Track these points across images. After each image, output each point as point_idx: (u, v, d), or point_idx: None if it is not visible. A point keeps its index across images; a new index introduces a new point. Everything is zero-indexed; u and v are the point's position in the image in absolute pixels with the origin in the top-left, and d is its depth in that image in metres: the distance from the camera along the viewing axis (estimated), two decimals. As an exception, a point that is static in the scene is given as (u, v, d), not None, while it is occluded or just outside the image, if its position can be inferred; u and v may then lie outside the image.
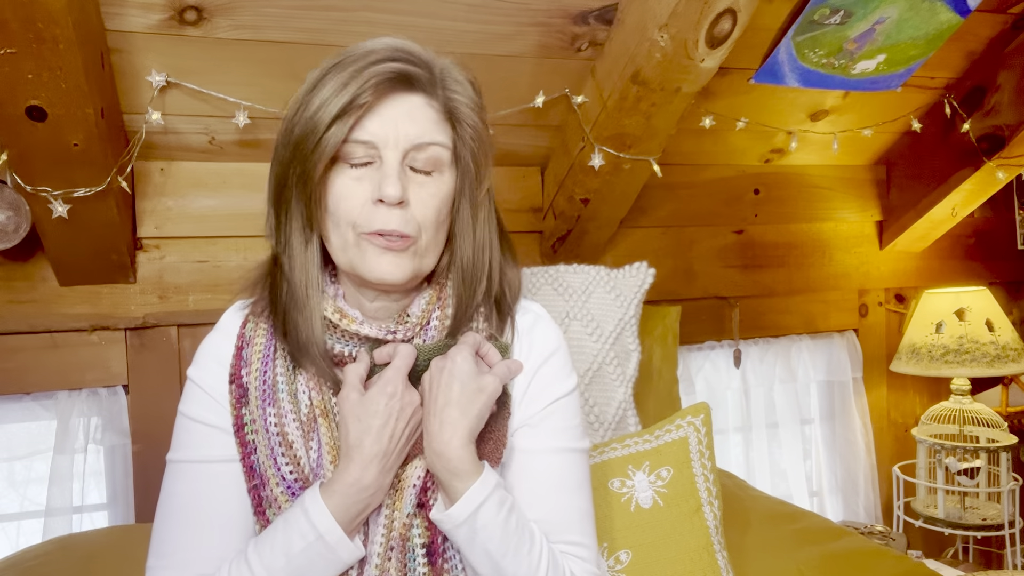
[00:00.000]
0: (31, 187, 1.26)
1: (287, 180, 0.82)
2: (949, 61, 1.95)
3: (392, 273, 0.82)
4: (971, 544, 2.34)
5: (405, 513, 0.83)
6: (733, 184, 2.12)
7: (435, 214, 0.84)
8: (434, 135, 0.82)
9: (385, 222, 0.80)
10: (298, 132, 0.80)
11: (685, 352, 2.11)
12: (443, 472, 0.80)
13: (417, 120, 0.81)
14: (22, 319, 1.49)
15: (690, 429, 1.27)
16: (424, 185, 0.83)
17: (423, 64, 0.82)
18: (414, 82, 0.81)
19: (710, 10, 1.28)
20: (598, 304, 1.54)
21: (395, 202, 0.80)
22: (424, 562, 0.83)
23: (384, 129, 0.80)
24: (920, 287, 2.42)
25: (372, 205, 0.81)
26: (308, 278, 0.85)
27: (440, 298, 0.90)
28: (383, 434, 0.81)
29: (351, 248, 0.83)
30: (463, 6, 1.38)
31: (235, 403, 0.86)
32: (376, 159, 0.81)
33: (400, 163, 0.81)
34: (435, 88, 0.83)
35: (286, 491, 0.83)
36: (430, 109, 0.83)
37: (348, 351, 0.86)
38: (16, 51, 1.04)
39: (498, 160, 1.80)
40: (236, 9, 1.29)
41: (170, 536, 0.85)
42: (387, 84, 0.79)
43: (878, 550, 1.38)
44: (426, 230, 0.83)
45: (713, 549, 1.20)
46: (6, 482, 1.63)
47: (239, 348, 0.89)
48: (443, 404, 0.81)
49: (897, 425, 2.44)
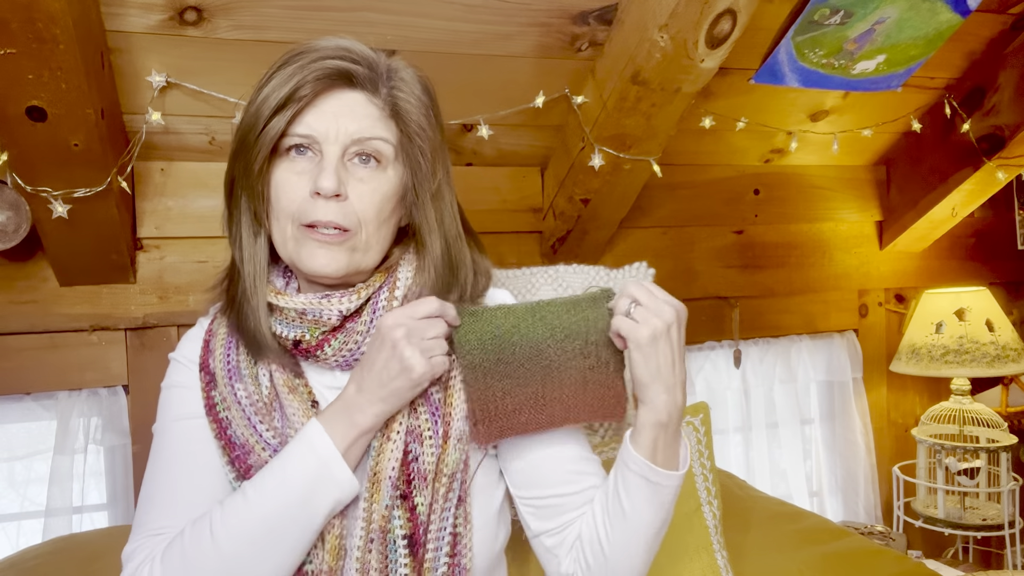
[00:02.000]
0: (31, 187, 1.26)
1: (235, 174, 0.86)
2: (949, 61, 1.95)
3: (327, 266, 0.84)
4: (971, 544, 2.34)
5: (383, 505, 0.82)
6: (733, 184, 2.12)
7: (376, 209, 0.85)
8: (375, 131, 0.85)
9: (323, 214, 0.83)
10: (243, 126, 0.84)
11: (685, 352, 2.11)
12: (676, 419, 0.83)
13: (358, 116, 0.84)
14: (22, 319, 1.49)
15: (689, 429, 1.27)
16: (365, 180, 0.85)
17: (366, 63, 0.85)
18: (355, 79, 0.84)
19: (710, 10, 1.28)
20: (598, 304, 1.54)
21: (330, 194, 0.82)
22: (406, 553, 0.82)
23: (323, 124, 0.83)
24: (920, 287, 2.42)
25: (311, 198, 0.83)
26: (256, 270, 0.88)
27: (389, 278, 0.90)
28: (376, 356, 0.81)
29: (290, 241, 0.85)
30: (463, 6, 1.38)
31: (205, 387, 0.89)
32: (318, 153, 0.84)
33: (340, 158, 0.84)
34: (378, 86, 0.85)
35: (273, 454, 0.84)
36: (372, 106, 0.85)
37: (294, 334, 0.87)
38: (16, 51, 1.04)
39: (498, 160, 1.80)
40: (236, 9, 1.29)
41: (156, 491, 0.87)
42: (327, 80, 0.82)
43: (878, 550, 1.38)
44: (366, 224, 0.85)
45: (712, 548, 1.20)
46: (6, 482, 1.63)
47: (206, 341, 0.93)
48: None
49: (897, 425, 2.44)
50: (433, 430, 0.85)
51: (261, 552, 0.79)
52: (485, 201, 1.82)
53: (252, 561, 0.79)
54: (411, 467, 0.84)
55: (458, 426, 0.86)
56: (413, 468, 0.84)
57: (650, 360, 0.82)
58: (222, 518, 0.79)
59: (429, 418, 0.85)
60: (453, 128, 1.64)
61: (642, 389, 0.82)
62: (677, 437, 0.84)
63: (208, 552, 0.78)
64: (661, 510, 0.83)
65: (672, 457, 0.83)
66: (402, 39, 1.41)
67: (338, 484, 0.80)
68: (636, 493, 0.82)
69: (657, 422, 0.81)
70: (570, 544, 0.88)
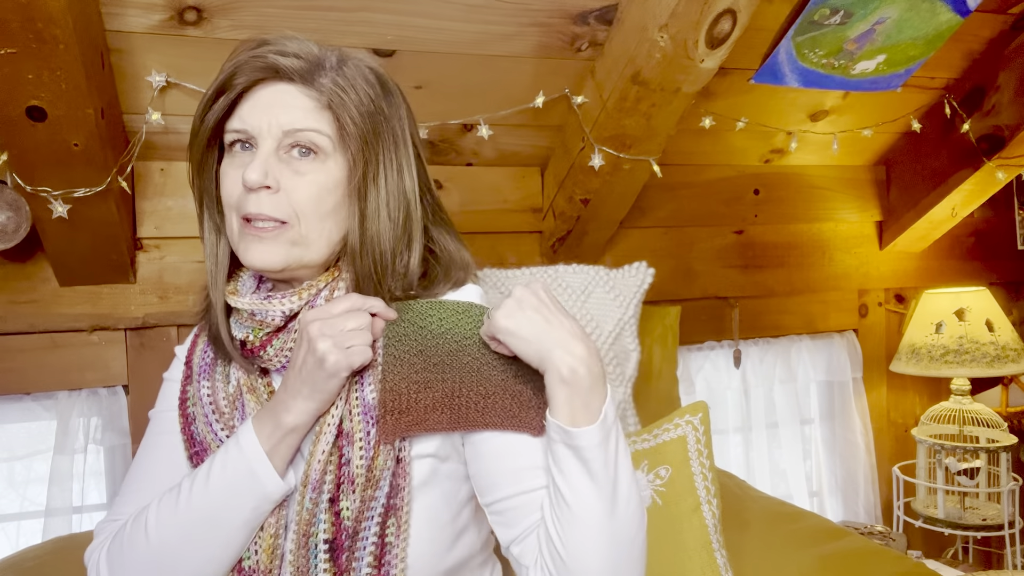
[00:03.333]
0: (31, 187, 1.26)
1: (191, 173, 0.90)
2: (949, 61, 1.95)
3: (264, 260, 0.84)
4: (971, 544, 2.34)
5: (306, 508, 0.82)
6: (733, 184, 2.12)
7: (313, 201, 0.84)
8: (308, 122, 0.84)
9: (255, 206, 0.83)
10: (192, 125, 0.87)
11: (685, 352, 2.11)
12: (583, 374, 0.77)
13: (289, 107, 0.83)
14: (22, 319, 1.49)
15: (688, 428, 1.27)
16: (302, 172, 0.84)
17: (303, 56, 0.84)
18: (287, 73, 0.83)
19: (710, 10, 1.28)
20: (597, 304, 1.54)
21: (255, 187, 0.82)
22: (326, 558, 0.80)
23: (255, 118, 0.84)
24: (920, 287, 2.42)
25: (245, 191, 0.84)
26: (216, 268, 0.90)
27: (334, 279, 0.90)
28: (297, 354, 0.82)
29: (235, 236, 0.87)
30: (463, 6, 1.38)
31: (183, 380, 0.93)
32: (255, 146, 0.85)
33: (274, 151, 0.84)
34: (312, 78, 0.84)
35: None
36: (306, 98, 0.84)
37: (242, 334, 0.88)
38: (16, 51, 1.04)
39: (498, 160, 1.80)
40: (236, 9, 1.29)
41: (131, 477, 0.92)
42: (260, 73, 0.83)
43: (878, 550, 1.38)
44: (304, 217, 0.84)
45: (712, 548, 1.20)
46: (6, 482, 1.63)
47: (196, 336, 0.98)
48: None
49: (897, 425, 2.44)
50: (364, 432, 0.83)
51: (190, 546, 0.80)
52: (485, 201, 1.82)
53: (182, 554, 0.80)
54: (342, 471, 0.82)
55: None
56: (344, 472, 0.82)
57: (521, 333, 0.79)
58: (156, 511, 0.82)
59: (361, 419, 0.83)
60: (453, 128, 1.64)
61: (538, 363, 0.79)
62: (595, 393, 0.77)
63: (141, 543, 0.81)
64: (602, 491, 0.75)
65: (593, 416, 0.77)
66: (402, 39, 1.41)
67: (261, 483, 0.80)
68: (568, 470, 0.76)
69: (560, 379, 0.76)
70: (534, 552, 0.81)
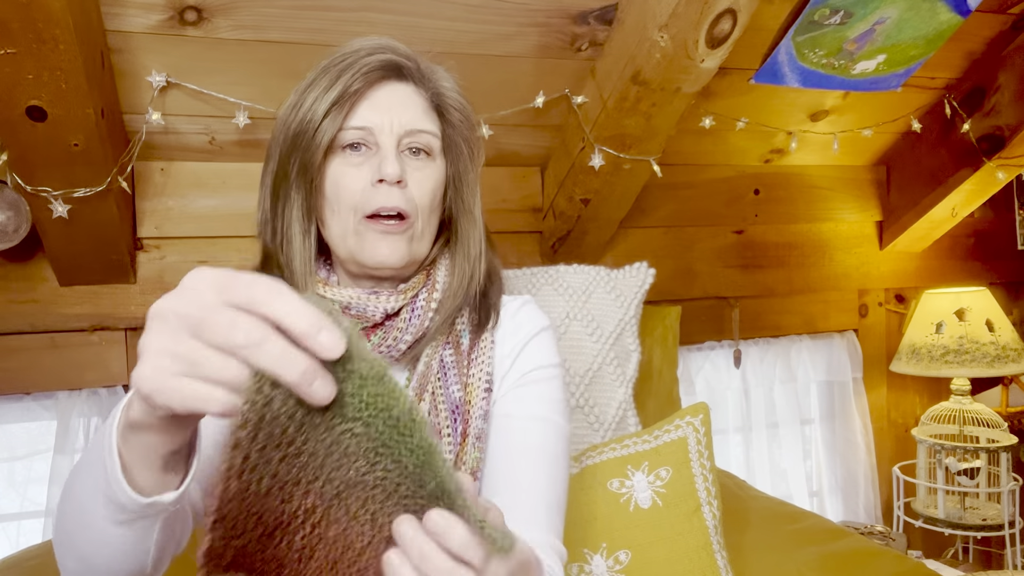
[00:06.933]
0: (31, 187, 1.26)
1: (286, 172, 0.86)
2: (949, 61, 1.95)
3: (390, 256, 0.85)
4: (971, 544, 2.34)
5: None
6: (733, 184, 2.12)
7: (430, 196, 0.88)
8: (424, 123, 0.88)
9: (387, 199, 0.84)
10: (295, 126, 0.84)
11: (685, 352, 2.11)
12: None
13: (409, 107, 0.87)
14: (22, 319, 1.49)
15: (689, 429, 1.27)
16: (419, 168, 0.88)
17: (409, 57, 0.88)
18: (403, 72, 0.87)
19: (710, 10, 1.28)
20: (598, 304, 1.54)
21: (395, 180, 0.84)
22: None
23: (378, 116, 0.85)
24: (920, 287, 2.42)
25: (372, 187, 0.85)
26: (307, 268, 0.89)
27: (429, 280, 0.92)
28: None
29: (350, 235, 0.86)
30: (463, 6, 1.38)
31: None
32: (373, 145, 0.86)
33: (396, 147, 0.86)
34: (423, 79, 0.89)
35: None
36: (419, 98, 0.88)
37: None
38: (16, 51, 1.04)
39: (498, 160, 1.80)
40: (236, 9, 1.29)
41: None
42: (378, 73, 0.85)
43: (878, 550, 1.38)
44: (422, 212, 0.88)
45: (712, 549, 1.20)
46: (6, 482, 1.63)
47: None
48: None
49: (897, 425, 2.44)
50: (452, 428, 0.85)
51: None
52: (485, 201, 1.78)
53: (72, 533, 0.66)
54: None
55: (477, 424, 0.86)
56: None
57: None
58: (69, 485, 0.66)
59: (448, 415, 0.86)
60: (453, 128, 1.64)
61: None
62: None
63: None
64: None
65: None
66: (402, 39, 1.39)
67: (103, 464, 0.71)
68: None
69: None
70: None
